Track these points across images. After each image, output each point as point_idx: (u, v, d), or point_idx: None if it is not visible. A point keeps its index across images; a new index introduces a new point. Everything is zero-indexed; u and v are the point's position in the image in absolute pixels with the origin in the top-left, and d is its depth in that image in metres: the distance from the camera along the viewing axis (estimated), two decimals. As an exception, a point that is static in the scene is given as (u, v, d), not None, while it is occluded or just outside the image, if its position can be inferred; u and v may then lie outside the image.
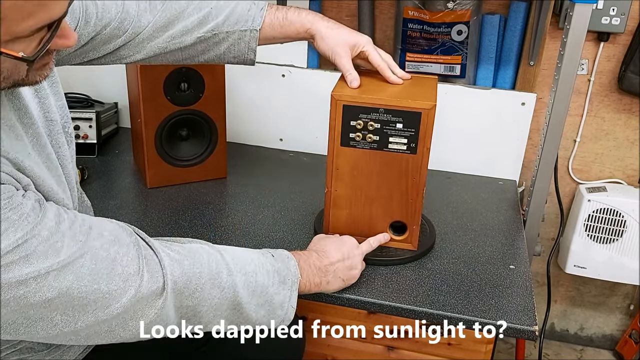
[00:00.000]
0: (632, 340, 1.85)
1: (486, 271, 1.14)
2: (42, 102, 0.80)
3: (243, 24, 1.05)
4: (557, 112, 1.29)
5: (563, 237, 1.72)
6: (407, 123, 1.04)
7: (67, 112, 0.87)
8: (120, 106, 1.74)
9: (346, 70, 1.06)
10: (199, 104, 1.37)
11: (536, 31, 1.45)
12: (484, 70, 1.56)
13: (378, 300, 1.04)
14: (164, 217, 1.29)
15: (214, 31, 1.04)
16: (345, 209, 1.15)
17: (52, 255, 0.66)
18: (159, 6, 1.02)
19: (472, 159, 1.57)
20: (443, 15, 1.48)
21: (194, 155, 1.44)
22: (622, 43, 1.51)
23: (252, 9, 1.05)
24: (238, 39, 1.06)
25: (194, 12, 1.03)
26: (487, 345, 1.15)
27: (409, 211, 1.12)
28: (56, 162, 0.78)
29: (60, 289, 0.66)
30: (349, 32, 1.08)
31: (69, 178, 0.83)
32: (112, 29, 0.98)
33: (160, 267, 0.76)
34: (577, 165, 1.68)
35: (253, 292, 0.84)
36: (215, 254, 0.84)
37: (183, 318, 0.79)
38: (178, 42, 1.04)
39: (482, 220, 1.34)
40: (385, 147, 1.07)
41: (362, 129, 1.06)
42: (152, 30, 1.02)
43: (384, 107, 1.04)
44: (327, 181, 1.13)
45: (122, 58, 1.03)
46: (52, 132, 0.81)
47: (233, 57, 1.08)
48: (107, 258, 0.71)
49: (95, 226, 0.73)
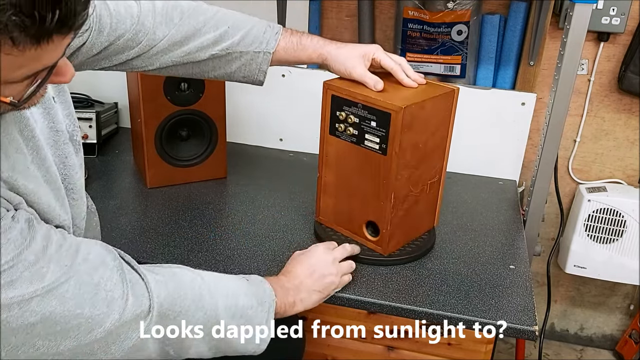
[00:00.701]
0: (632, 340, 1.85)
1: (486, 271, 1.14)
2: (47, 113, 0.79)
3: (257, 45, 1.05)
4: (557, 112, 1.29)
5: (563, 237, 1.72)
6: (379, 122, 1.03)
7: (75, 120, 0.87)
8: (120, 106, 1.74)
9: (365, 77, 1.06)
10: (199, 103, 1.37)
11: (536, 31, 1.45)
12: (484, 70, 1.56)
13: (378, 300, 1.04)
14: (164, 217, 1.29)
15: (228, 50, 1.04)
16: (333, 196, 1.16)
17: (37, 280, 0.65)
18: (176, 19, 1.02)
19: (472, 159, 1.57)
20: (443, 15, 1.48)
21: (194, 155, 1.43)
22: (622, 43, 1.51)
23: (268, 32, 1.06)
24: (250, 60, 1.06)
25: (210, 29, 1.03)
26: (487, 345, 1.15)
27: (381, 213, 1.10)
28: (56, 176, 0.77)
29: (43, 314, 0.66)
30: (356, 46, 1.10)
31: (76, 187, 0.82)
32: (126, 40, 0.97)
33: (147, 289, 0.76)
34: (577, 165, 1.68)
35: (234, 315, 0.85)
36: (197, 277, 0.85)
37: (166, 341, 0.79)
38: (192, 58, 1.04)
39: (482, 220, 1.34)
40: (362, 142, 1.07)
41: (344, 121, 1.07)
42: (168, 44, 1.01)
43: (362, 103, 1.04)
44: (319, 167, 1.15)
45: (134, 68, 1.03)
46: (57, 142, 0.80)
47: (242, 77, 1.09)
48: (91, 283, 0.71)
49: (82, 249, 0.72)
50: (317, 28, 1.61)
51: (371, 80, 1.06)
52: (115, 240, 1.18)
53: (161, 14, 1.02)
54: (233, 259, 1.14)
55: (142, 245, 1.17)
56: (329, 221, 1.21)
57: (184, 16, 1.02)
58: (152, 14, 1.01)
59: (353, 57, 1.07)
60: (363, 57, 1.08)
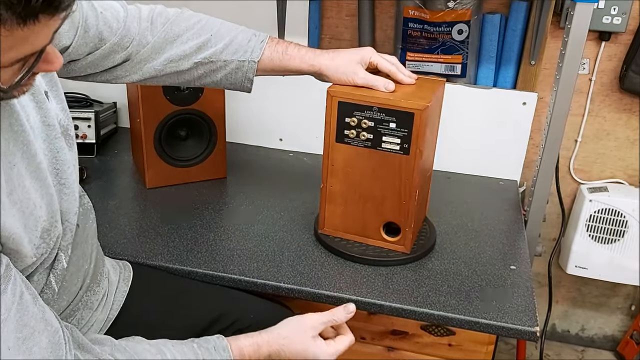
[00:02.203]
0: (633, 341, 1.84)
1: (487, 272, 1.14)
2: (39, 107, 0.79)
3: (242, 54, 1.05)
4: (558, 112, 1.28)
5: (564, 238, 1.72)
6: (400, 123, 1.03)
7: (68, 115, 0.86)
8: (119, 106, 1.74)
9: (371, 81, 1.06)
10: (198, 103, 1.37)
11: (537, 30, 1.44)
12: (484, 70, 1.55)
13: (378, 301, 1.04)
14: (163, 217, 1.28)
15: (212, 58, 1.04)
16: (340, 205, 1.15)
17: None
18: (160, 27, 1.02)
19: (472, 159, 1.57)
20: (444, 15, 1.47)
21: (194, 155, 1.43)
22: (623, 42, 1.50)
23: (253, 40, 1.06)
24: (236, 69, 1.06)
25: (193, 37, 1.03)
26: (487, 346, 1.15)
27: (401, 213, 1.11)
28: (46, 172, 0.76)
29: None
30: (350, 51, 1.08)
31: (68, 182, 0.82)
32: (112, 44, 0.97)
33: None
34: (578, 165, 1.67)
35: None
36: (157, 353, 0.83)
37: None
38: (174, 66, 1.04)
39: (483, 221, 1.34)
40: (378, 146, 1.06)
41: (356, 127, 1.06)
42: (150, 52, 1.02)
43: (377, 106, 1.03)
44: (323, 176, 1.13)
45: (118, 77, 1.03)
46: (49, 137, 0.79)
47: (230, 84, 1.09)
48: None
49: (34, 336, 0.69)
50: (317, 28, 1.61)
51: (380, 82, 1.06)
52: (115, 240, 1.18)
53: (146, 20, 1.02)
54: (233, 259, 1.14)
55: (141, 245, 1.17)
56: (335, 231, 1.18)
57: (167, 23, 1.02)
58: (137, 20, 1.01)
59: (351, 64, 1.07)
60: (360, 62, 1.07)
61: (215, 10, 1.55)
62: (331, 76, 1.07)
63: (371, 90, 1.05)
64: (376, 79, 1.06)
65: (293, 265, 1.13)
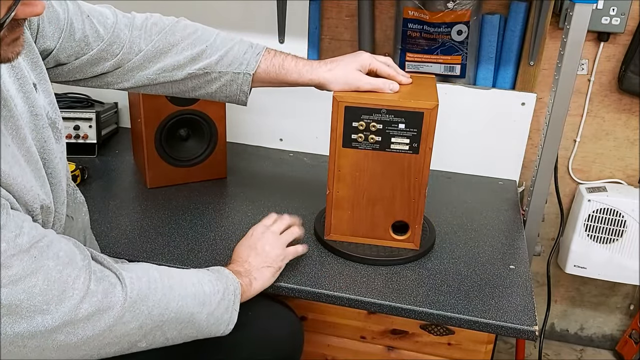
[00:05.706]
0: (632, 340, 1.85)
1: (486, 271, 1.14)
2: (26, 97, 0.80)
3: (237, 66, 1.05)
4: (557, 112, 1.29)
5: (563, 237, 1.72)
6: (409, 123, 1.04)
7: (56, 109, 0.88)
8: (120, 106, 1.74)
9: (374, 84, 1.06)
10: (198, 104, 1.37)
11: (536, 31, 1.45)
12: (484, 70, 1.56)
13: (378, 300, 1.04)
14: (164, 217, 1.29)
15: (206, 69, 1.04)
16: (347, 210, 1.15)
17: (4, 267, 0.65)
18: (154, 36, 1.02)
19: (472, 159, 1.57)
20: (443, 15, 1.48)
21: (194, 155, 1.43)
22: (622, 43, 1.51)
23: (249, 53, 1.05)
24: (230, 81, 1.06)
25: (188, 47, 1.03)
26: (487, 345, 1.15)
27: (411, 211, 1.12)
28: (36, 156, 0.78)
29: (9, 305, 0.66)
30: (348, 59, 1.08)
31: (55, 172, 0.83)
32: (100, 51, 0.97)
33: (121, 286, 0.77)
34: (577, 165, 1.68)
35: (203, 303, 0.87)
36: (165, 271, 0.86)
37: (139, 334, 0.80)
38: (168, 76, 1.03)
39: (482, 220, 1.34)
40: (387, 147, 1.07)
41: (364, 130, 1.06)
42: (143, 60, 1.01)
43: (386, 108, 1.04)
44: (329, 183, 1.13)
45: (109, 84, 1.03)
46: (37, 126, 0.81)
47: (225, 97, 1.09)
48: (59, 280, 0.71)
49: (54, 246, 0.73)
50: (317, 28, 1.61)
51: (383, 84, 1.06)
52: (116, 240, 1.18)
53: (140, 29, 1.01)
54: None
55: (142, 245, 1.17)
56: (343, 236, 1.18)
57: (162, 32, 1.02)
58: (129, 27, 1.00)
59: (351, 72, 1.07)
60: (360, 68, 1.07)
61: (215, 11, 1.56)
62: (332, 88, 1.07)
63: (375, 92, 1.06)
64: (382, 82, 1.06)
65: (293, 264, 1.13)
